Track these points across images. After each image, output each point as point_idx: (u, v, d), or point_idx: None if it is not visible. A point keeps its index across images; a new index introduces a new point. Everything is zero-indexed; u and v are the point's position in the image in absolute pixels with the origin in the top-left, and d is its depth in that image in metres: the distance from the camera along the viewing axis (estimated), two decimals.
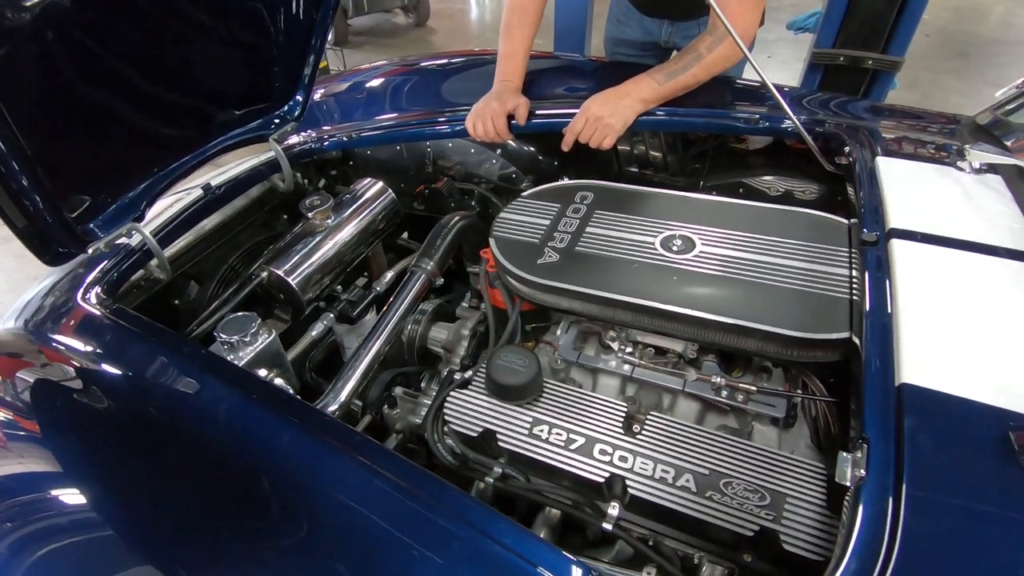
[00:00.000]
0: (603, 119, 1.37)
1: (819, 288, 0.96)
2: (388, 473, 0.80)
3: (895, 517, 0.60)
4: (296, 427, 0.88)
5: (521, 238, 1.16)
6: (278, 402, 0.93)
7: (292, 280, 1.35)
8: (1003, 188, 1.06)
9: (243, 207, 1.67)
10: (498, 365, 1.01)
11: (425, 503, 0.75)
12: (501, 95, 1.58)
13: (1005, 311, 0.80)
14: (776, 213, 1.14)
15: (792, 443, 1.07)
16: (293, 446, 0.87)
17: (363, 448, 0.85)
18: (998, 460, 0.63)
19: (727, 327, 0.94)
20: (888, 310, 0.79)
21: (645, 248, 1.09)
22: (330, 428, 0.90)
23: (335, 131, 1.81)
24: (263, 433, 0.88)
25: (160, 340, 1.08)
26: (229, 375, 1.00)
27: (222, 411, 0.93)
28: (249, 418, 0.91)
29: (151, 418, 0.98)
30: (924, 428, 0.65)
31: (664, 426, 0.98)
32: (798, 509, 0.86)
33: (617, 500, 0.95)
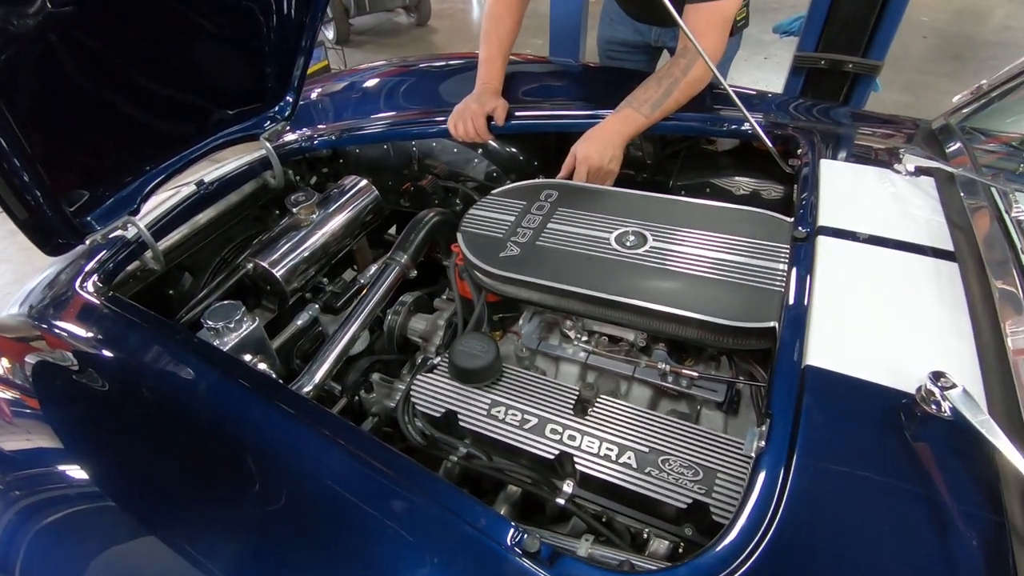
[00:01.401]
0: (602, 168, 1.44)
1: (754, 281, 1.04)
2: (356, 449, 0.88)
3: (784, 482, 0.67)
4: (271, 405, 0.96)
5: (487, 232, 1.24)
6: (256, 383, 1.01)
7: (276, 271, 1.43)
8: (933, 190, 1.12)
9: (236, 202, 1.75)
10: (459, 350, 1.09)
11: (389, 476, 0.83)
12: (480, 97, 1.66)
13: (909, 302, 0.87)
14: (725, 212, 1.21)
15: (740, 428, 1.14)
16: (268, 422, 0.95)
17: (331, 424, 0.93)
18: (882, 433, 0.70)
19: (668, 316, 1.02)
20: (804, 300, 0.86)
21: (601, 243, 1.17)
22: (302, 406, 0.98)
23: (326, 130, 1.90)
24: (241, 410, 0.96)
25: (151, 326, 1.16)
26: (214, 359, 1.08)
27: (207, 391, 1.02)
28: (229, 396, 0.99)
29: (143, 398, 1.06)
30: (819, 405, 0.72)
31: (612, 408, 1.06)
32: (727, 483, 0.94)
33: (571, 478, 1.03)
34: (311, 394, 1.14)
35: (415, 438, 1.18)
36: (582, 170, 1.45)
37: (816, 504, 0.66)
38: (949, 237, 0.98)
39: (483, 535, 0.73)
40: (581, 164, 1.45)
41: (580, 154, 1.46)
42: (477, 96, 1.65)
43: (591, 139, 1.47)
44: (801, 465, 0.67)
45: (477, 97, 1.65)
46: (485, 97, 1.65)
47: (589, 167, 1.44)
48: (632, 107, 1.48)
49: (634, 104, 1.49)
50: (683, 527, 0.99)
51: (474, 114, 1.60)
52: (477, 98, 1.65)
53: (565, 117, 1.73)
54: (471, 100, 1.65)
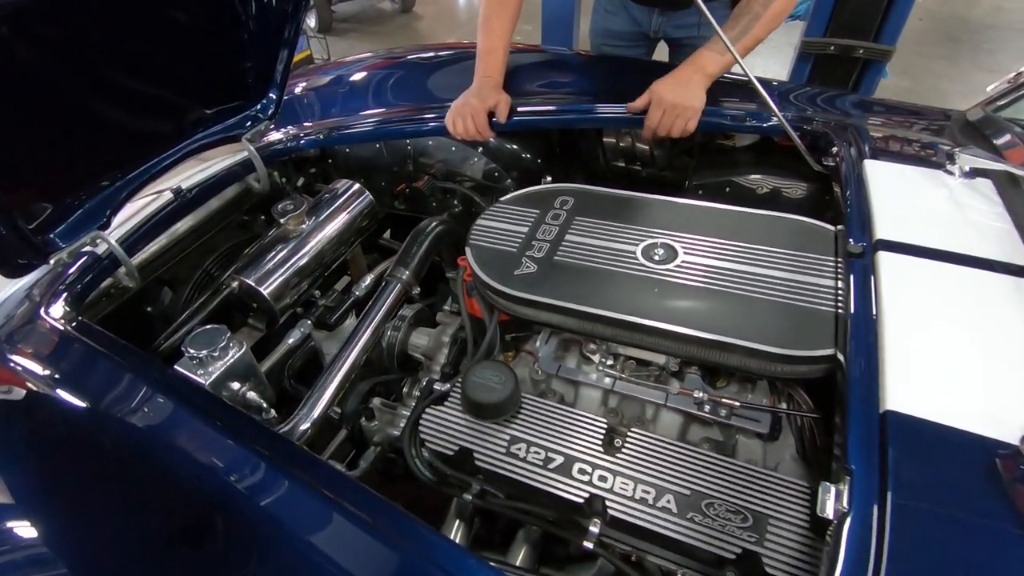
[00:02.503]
0: (682, 104, 1.33)
1: (803, 301, 0.93)
2: (354, 508, 0.76)
3: (878, 556, 0.57)
4: (258, 458, 0.84)
5: (498, 247, 1.12)
6: (241, 429, 0.89)
7: (264, 289, 1.30)
8: (993, 194, 1.03)
9: (217, 209, 1.62)
10: (474, 382, 0.98)
11: (389, 540, 0.72)
12: (481, 92, 1.53)
13: (994, 330, 0.77)
14: (761, 219, 1.10)
15: (777, 454, 1.04)
16: (254, 481, 0.83)
17: (328, 481, 0.82)
18: (984, 491, 0.60)
19: (708, 343, 0.91)
20: (873, 329, 0.76)
21: (626, 257, 1.06)
22: (296, 459, 0.86)
23: (313, 128, 1.76)
24: (224, 465, 0.85)
25: (122, 358, 1.03)
26: (193, 401, 0.96)
27: (183, 439, 0.90)
28: (210, 448, 0.87)
29: (109, 446, 0.94)
30: (908, 459, 0.62)
31: (645, 443, 0.95)
32: (781, 531, 0.84)
33: (599, 517, 0.93)
34: (308, 432, 1.02)
35: (425, 475, 1.07)
36: (656, 109, 1.35)
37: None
38: (1022, 248, 0.88)
39: None
40: (656, 104, 1.35)
41: (655, 91, 1.36)
42: (478, 90, 1.52)
43: (667, 78, 1.37)
44: (897, 533, 0.57)
45: (478, 92, 1.52)
46: (486, 91, 1.52)
47: (665, 106, 1.33)
48: (706, 48, 1.38)
49: (709, 45, 1.38)
50: (724, 571, 0.89)
51: (475, 110, 1.47)
52: (478, 93, 1.52)
53: (570, 112, 1.61)
54: (471, 95, 1.52)
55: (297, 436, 1.01)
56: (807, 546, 0.82)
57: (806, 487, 0.88)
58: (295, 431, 1.01)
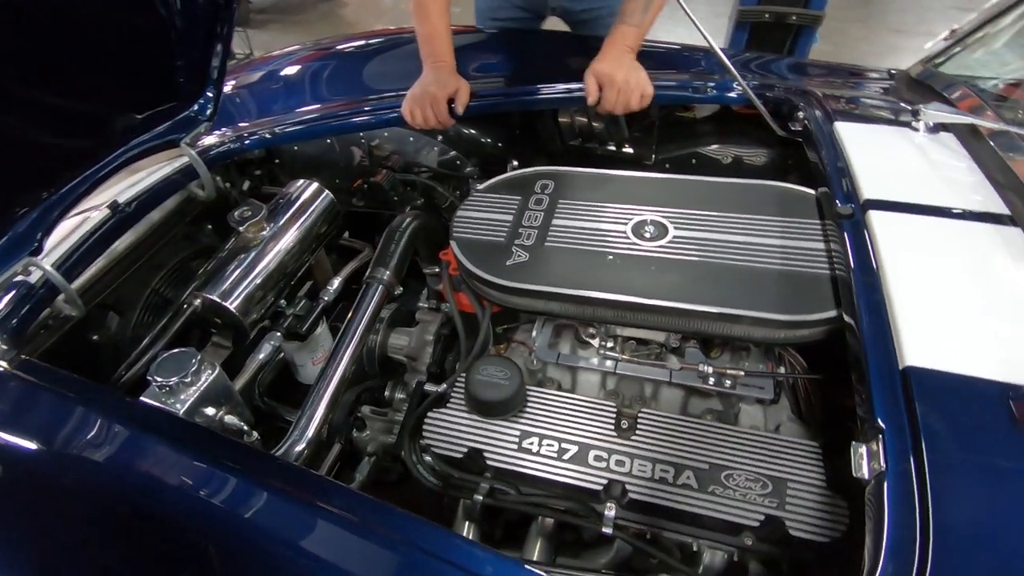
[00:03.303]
0: (632, 77, 1.29)
1: (799, 266, 0.94)
2: (368, 523, 0.72)
3: (924, 510, 0.58)
4: (255, 484, 0.78)
5: (485, 238, 1.08)
6: (233, 458, 0.82)
7: (231, 304, 1.21)
8: (959, 147, 1.07)
9: (159, 222, 1.49)
10: (478, 380, 0.94)
11: (406, 551, 0.68)
12: (439, 78, 1.46)
13: (992, 278, 0.80)
14: (743, 188, 1.11)
15: (776, 418, 1.06)
16: (255, 508, 0.77)
17: (337, 498, 0.77)
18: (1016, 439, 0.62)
19: (713, 316, 0.91)
20: (879, 287, 0.78)
21: (617, 238, 1.04)
22: (299, 480, 0.80)
23: (255, 128, 1.64)
24: (222, 497, 0.78)
25: (80, 396, 0.93)
26: (168, 430, 0.87)
27: (164, 474, 0.82)
28: (200, 480, 0.80)
29: (72, 494, 0.84)
30: (936, 413, 0.64)
31: (657, 423, 0.94)
32: (799, 493, 0.86)
33: (614, 501, 0.92)
34: (305, 452, 0.95)
35: (430, 480, 1.03)
36: (610, 90, 1.31)
37: (969, 533, 0.57)
38: (998, 199, 0.92)
39: None
40: (608, 84, 1.31)
41: (599, 74, 1.32)
42: (434, 78, 1.45)
43: (602, 60, 1.33)
44: (938, 485, 0.59)
45: (435, 79, 1.45)
46: (444, 77, 1.45)
47: (617, 84, 1.30)
48: (623, 23, 1.36)
49: (623, 20, 1.36)
50: (741, 537, 0.90)
51: (434, 99, 1.41)
52: (435, 80, 1.44)
53: (529, 93, 1.57)
54: (427, 83, 1.45)
55: (293, 457, 0.94)
56: (826, 504, 0.84)
57: (816, 447, 0.90)
58: (291, 453, 0.94)
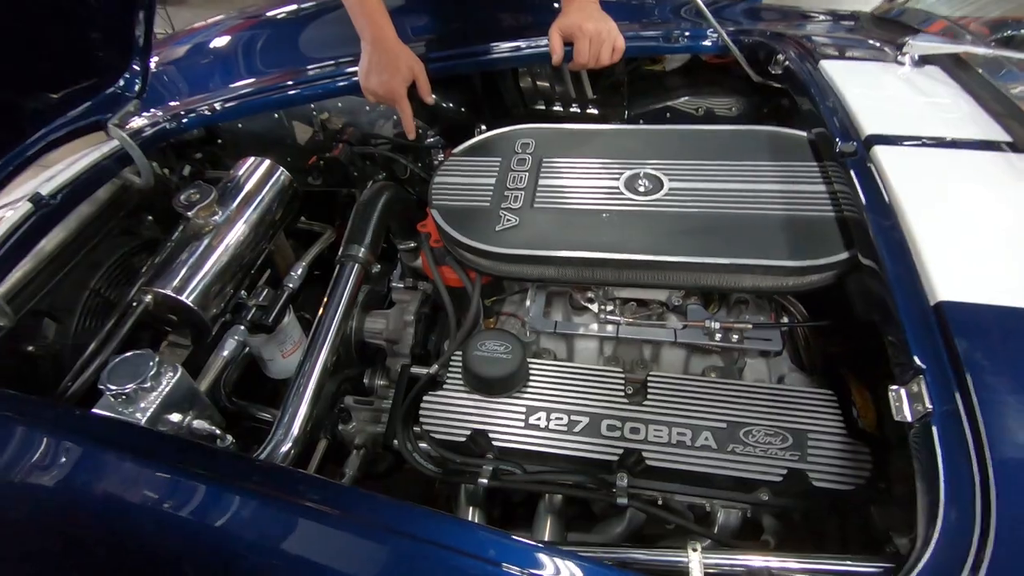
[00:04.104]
0: (603, 27, 1.19)
1: (802, 210, 0.91)
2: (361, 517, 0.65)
3: (979, 449, 0.55)
4: (238, 492, 0.69)
5: (468, 203, 1.00)
6: (206, 464, 0.73)
7: (187, 299, 1.09)
8: (947, 79, 1.05)
9: (92, 215, 1.34)
10: (478, 357, 0.87)
11: (408, 544, 0.62)
12: (386, 61, 1.27)
13: (1010, 206, 0.79)
14: (733, 134, 1.06)
15: (778, 369, 1.04)
16: (239, 518, 0.68)
17: (330, 496, 0.69)
18: None
19: (723, 268, 0.86)
20: (896, 224, 0.75)
21: (610, 194, 0.97)
22: (280, 480, 0.72)
23: (191, 105, 1.49)
24: (195, 511, 0.69)
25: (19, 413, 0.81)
26: (128, 441, 0.77)
27: (127, 492, 0.72)
28: (173, 495, 0.70)
29: (22, 529, 0.74)
30: (978, 346, 0.61)
31: (668, 385, 0.90)
32: (820, 443, 0.83)
33: (625, 470, 0.87)
34: (292, 452, 0.86)
35: (428, 469, 0.96)
36: (581, 41, 1.21)
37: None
38: (997, 127, 0.90)
39: None
40: (580, 36, 1.21)
41: (565, 28, 1.22)
42: (381, 60, 1.26)
43: (567, 15, 1.24)
44: (993, 425, 0.56)
45: (383, 62, 1.26)
46: (391, 60, 1.27)
47: (589, 36, 1.20)
48: None
49: None
50: (757, 492, 0.88)
51: (394, 94, 1.26)
52: (389, 64, 1.26)
53: (490, 52, 1.46)
54: (380, 68, 1.25)
55: (279, 459, 0.85)
56: (848, 451, 0.82)
57: (831, 395, 0.87)
58: (276, 455, 0.85)
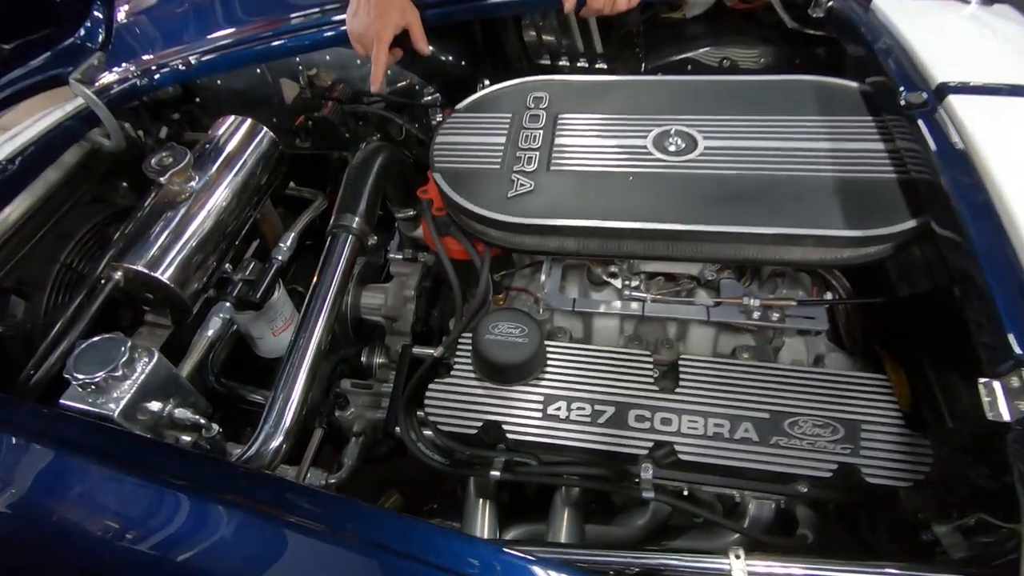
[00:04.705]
0: None
1: (861, 171, 0.79)
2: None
3: None
4: (216, 510, 0.60)
5: (475, 166, 0.88)
6: (181, 472, 0.64)
7: (161, 275, 0.98)
8: (1018, 16, 0.93)
9: (59, 182, 1.23)
10: (490, 341, 0.77)
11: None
12: (383, 3, 1.12)
13: None
14: (773, 86, 0.94)
15: (815, 347, 0.95)
16: (217, 535, 0.60)
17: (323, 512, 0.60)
18: None
19: (770, 239, 0.75)
20: (981, 186, 0.64)
21: (637, 154, 0.86)
22: (261, 489, 0.63)
23: (164, 59, 1.35)
24: (164, 537, 0.60)
25: None
26: (92, 442, 0.68)
27: (84, 505, 0.63)
28: (140, 513, 0.62)
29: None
30: None
31: (701, 369, 0.81)
32: (875, 435, 0.74)
33: (651, 461, 0.79)
34: (284, 447, 0.77)
35: (435, 460, 0.87)
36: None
37: None
38: None
39: None
40: None
41: None
42: (379, 1, 1.12)
43: None
44: None
45: (379, 3, 1.11)
46: (388, 2, 1.12)
47: None
48: None
49: None
50: (795, 484, 0.80)
51: (378, 36, 1.10)
52: (379, 5, 1.11)
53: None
54: (371, 9, 1.10)
55: (270, 456, 0.76)
56: (905, 445, 0.74)
57: (885, 380, 0.78)
58: (265, 452, 0.76)
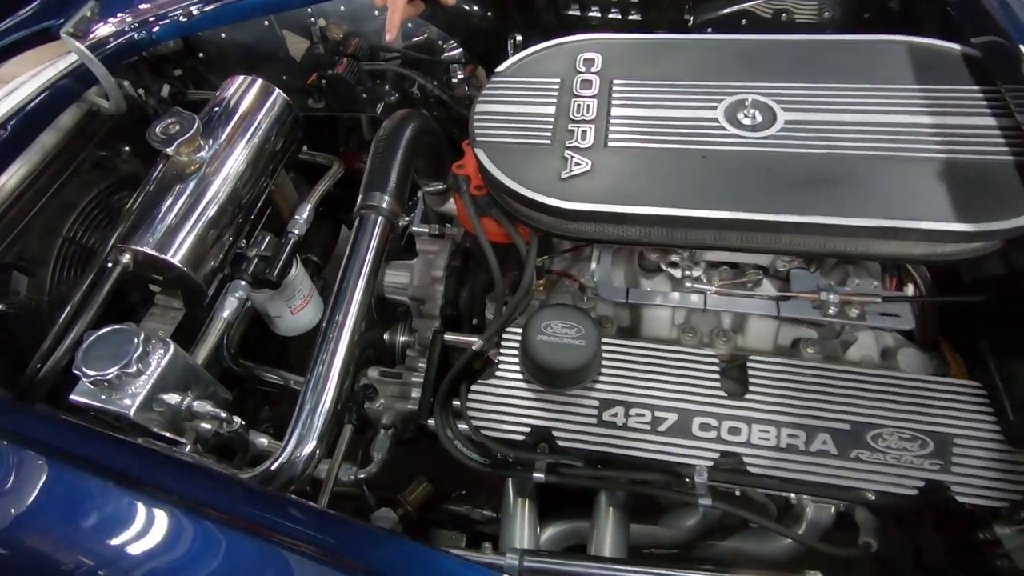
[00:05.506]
0: None
1: (970, 152, 0.69)
2: None
3: None
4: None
5: (521, 140, 0.78)
6: (185, 488, 0.58)
7: (173, 257, 0.90)
8: None
9: (56, 147, 1.13)
10: (542, 343, 0.69)
11: None
12: None
13: None
14: (857, 47, 0.82)
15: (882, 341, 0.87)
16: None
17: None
18: None
19: (867, 232, 0.66)
20: None
21: (707, 128, 0.75)
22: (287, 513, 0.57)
23: (163, 9, 1.23)
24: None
25: None
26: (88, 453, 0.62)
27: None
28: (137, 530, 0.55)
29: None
30: None
31: (773, 373, 0.73)
32: (969, 449, 0.67)
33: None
34: (318, 452, 0.70)
35: (474, 460, 0.81)
36: None
37: None
38: None
39: None
40: None
41: None
42: None
43: None
44: None
45: None
46: None
47: None
48: None
49: None
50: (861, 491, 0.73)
51: None
52: None
53: None
54: None
55: (303, 464, 0.69)
56: (1003, 460, 0.67)
57: (980, 388, 0.71)
58: (298, 457, 0.69)
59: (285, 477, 0.68)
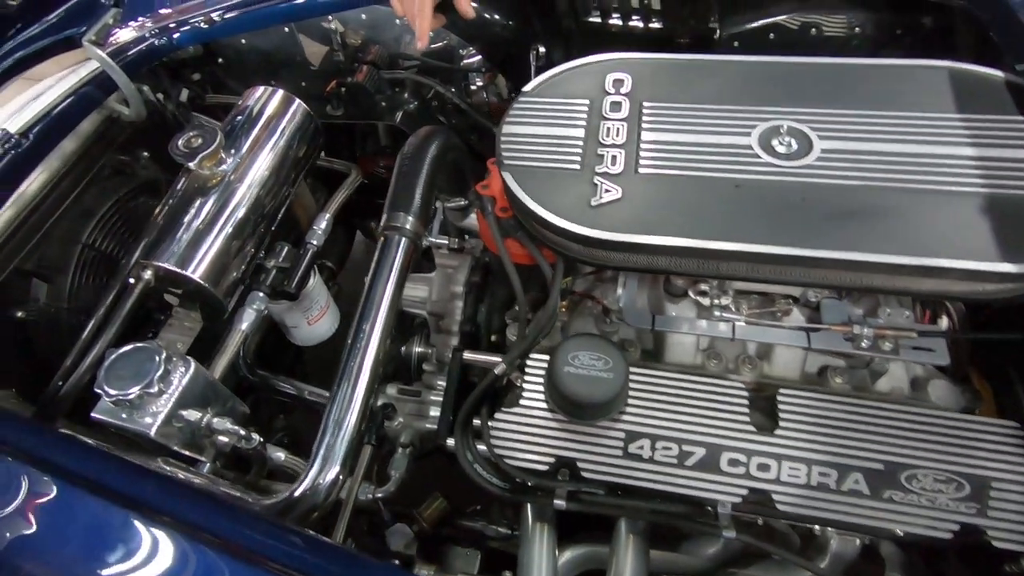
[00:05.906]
0: None
1: (1016, 187, 0.67)
2: None
3: None
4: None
5: (549, 164, 0.76)
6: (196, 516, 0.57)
7: (194, 273, 0.89)
8: None
9: (76, 153, 1.14)
10: (569, 375, 0.68)
11: None
12: None
13: None
14: (896, 72, 0.80)
15: (911, 370, 0.85)
16: None
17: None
18: None
19: (907, 270, 0.64)
20: None
21: (740, 155, 0.73)
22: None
23: (183, 15, 1.22)
24: None
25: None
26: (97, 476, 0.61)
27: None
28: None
29: None
30: None
31: (805, 408, 0.71)
32: (1007, 494, 0.66)
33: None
34: (341, 479, 0.69)
35: (494, 484, 0.80)
36: None
37: None
38: None
39: None
40: None
41: None
42: None
43: None
44: None
45: None
46: None
47: None
48: None
49: None
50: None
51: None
52: None
53: None
54: None
55: (325, 491, 0.69)
56: None
57: (1019, 428, 0.69)
58: (320, 486, 0.68)
59: (308, 505, 0.67)
